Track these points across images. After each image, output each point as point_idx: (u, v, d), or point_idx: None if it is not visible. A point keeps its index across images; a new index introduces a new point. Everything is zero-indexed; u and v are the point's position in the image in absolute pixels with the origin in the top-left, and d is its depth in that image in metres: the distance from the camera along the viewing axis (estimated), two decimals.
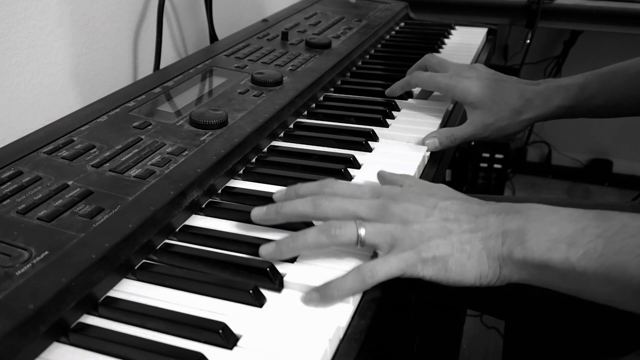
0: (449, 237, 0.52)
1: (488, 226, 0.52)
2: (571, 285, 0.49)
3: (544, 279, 0.50)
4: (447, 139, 0.77)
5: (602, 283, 0.47)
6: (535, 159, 2.54)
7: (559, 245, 0.48)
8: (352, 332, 0.48)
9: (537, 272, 0.50)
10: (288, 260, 0.54)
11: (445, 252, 0.51)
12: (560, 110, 0.80)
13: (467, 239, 0.52)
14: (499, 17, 1.72)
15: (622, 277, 0.45)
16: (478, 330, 1.63)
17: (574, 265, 0.47)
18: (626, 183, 2.38)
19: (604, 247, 0.46)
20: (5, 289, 0.44)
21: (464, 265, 0.51)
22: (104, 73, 0.94)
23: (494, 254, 0.51)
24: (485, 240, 0.51)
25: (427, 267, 0.52)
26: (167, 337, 0.46)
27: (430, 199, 0.55)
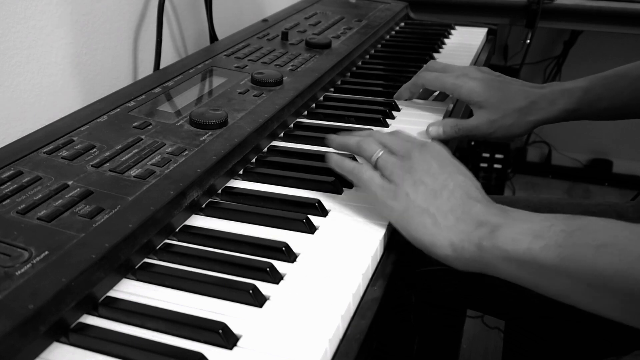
0: (432, 201, 0.56)
1: (470, 210, 0.55)
2: (529, 276, 0.50)
3: (505, 268, 0.52)
4: (451, 128, 0.79)
5: (558, 275, 0.48)
6: (535, 159, 2.54)
7: (524, 237, 0.50)
8: (352, 332, 0.48)
9: (500, 262, 0.51)
10: (288, 260, 0.54)
11: (417, 208, 0.56)
12: (565, 114, 0.81)
13: (444, 210, 0.55)
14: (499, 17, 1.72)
15: (576, 268, 0.46)
16: (478, 330, 1.63)
17: (535, 256, 0.49)
18: (626, 183, 2.38)
19: (564, 239, 0.48)
20: (5, 289, 0.44)
21: (425, 227, 0.55)
22: (104, 73, 0.94)
23: (461, 237, 0.53)
24: (459, 221, 0.54)
25: (394, 210, 0.57)
26: (167, 337, 0.46)
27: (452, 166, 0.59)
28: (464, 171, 0.59)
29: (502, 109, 0.79)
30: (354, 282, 0.51)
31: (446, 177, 0.57)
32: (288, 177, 0.67)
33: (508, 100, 0.79)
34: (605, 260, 0.45)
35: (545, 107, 0.80)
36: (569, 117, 0.82)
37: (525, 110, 0.79)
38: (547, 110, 0.80)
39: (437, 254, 0.55)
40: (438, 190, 0.56)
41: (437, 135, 0.80)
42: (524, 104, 0.79)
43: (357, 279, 0.52)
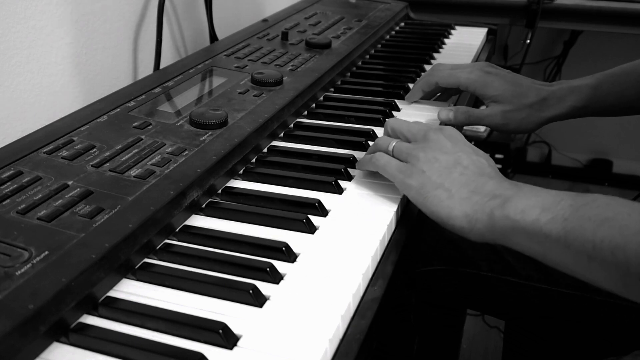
0: (447, 176, 0.59)
1: (483, 185, 0.57)
2: (536, 247, 0.52)
3: (514, 239, 0.54)
4: (462, 114, 0.81)
5: (563, 247, 0.50)
6: (535, 159, 2.54)
7: (533, 210, 0.52)
8: (352, 332, 0.48)
9: (509, 232, 0.54)
10: (288, 260, 0.54)
11: (433, 183, 0.59)
12: (573, 111, 0.82)
13: (459, 184, 0.58)
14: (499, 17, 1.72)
15: (578, 241, 0.48)
16: (478, 330, 1.63)
17: (542, 227, 0.51)
18: (626, 183, 2.38)
19: (570, 213, 0.50)
20: (5, 289, 0.44)
21: (442, 201, 0.58)
22: (104, 73, 0.94)
23: (475, 207, 0.56)
24: (472, 193, 0.57)
25: (412, 188, 0.60)
26: (167, 337, 0.46)
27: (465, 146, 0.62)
28: (477, 151, 0.62)
29: (515, 103, 0.81)
30: (354, 282, 0.51)
31: (460, 154, 0.60)
32: (288, 177, 0.67)
33: (521, 95, 0.81)
34: (604, 234, 0.47)
35: (554, 105, 0.81)
36: (578, 114, 0.83)
37: (536, 106, 0.81)
38: (557, 107, 0.82)
39: (452, 225, 0.57)
40: (452, 166, 0.59)
41: (447, 120, 0.82)
42: (535, 101, 0.81)
43: (357, 279, 0.52)
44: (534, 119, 0.82)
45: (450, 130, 0.64)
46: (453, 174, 0.59)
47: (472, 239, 0.57)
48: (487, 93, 0.81)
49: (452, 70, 0.84)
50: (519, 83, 0.82)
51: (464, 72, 0.83)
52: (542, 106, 0.81)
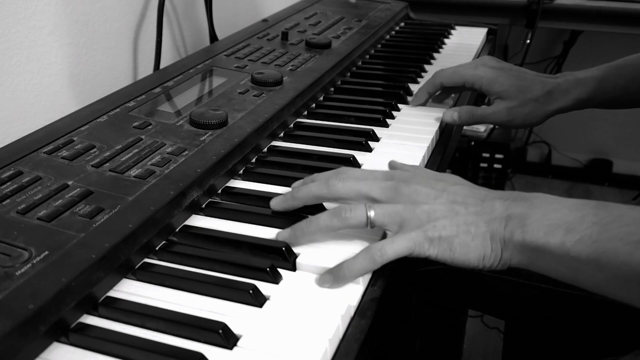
0: (456, 218, 0.53)
1: (493, 210, 0.53)
2: (566, 270, 0.50)
3: (541, 263, 0.51)
4: (466, 113, 0.81)
5: (594, 269, 0.47)
6: (535, 159, 2.54)
7: (557, 231, 0.49)
8: (352, 332, 0.48)
9: (534, 255, 0.51)
10: (288, 260, 0.54)
11: (451, 233, 0.53)
12: (578, 103, 0.82)
13: (472, 221, 0.53)
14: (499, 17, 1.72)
15: (613, 264, 0.46)
16: (478, 330, 1.63)
17: (569, 250, 0.48)
18: (626, 183, 2.38)
19: (598, 233, 0.47)
20: (5, 289, 0.44)
21: (468, 245, 0.53)
22: (104, 73, 0.94)
23: (497, 237, 0.52)
24: (489, 223, 0.53)
25: (433, 246, 0.53)
26: (167, 337, 0.46)
27: (440, 183, 0.57)
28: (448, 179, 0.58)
29: (520, 98, 0.81)
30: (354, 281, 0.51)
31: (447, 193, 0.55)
32: (288, 177, 0.67)
33: (526, 89, 0.81)
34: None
35: (560, 97, 0.82)
36: (582, 106, 0.84)
37: (541, 99, 0.81)
38: (562, 99, 0.82)
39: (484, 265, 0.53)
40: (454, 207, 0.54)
41: (451, 120, 0.82)
42: (540, 94, 0.81)
43: (357, 278, 0.52)
44: (540, 112, 0.82)
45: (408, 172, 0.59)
46: (460, 214, 0.54)
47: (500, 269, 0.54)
48: (493, 89, 0.82)
49: (457, 68, 0.84)
50: (524, 77, 0.82)
51: (469, 68, 0.83)
52: (547, 99, 0.81)
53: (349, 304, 0.49)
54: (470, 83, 0.83)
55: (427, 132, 0.79)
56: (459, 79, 0.84)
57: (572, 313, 0.77)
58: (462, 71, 0.83)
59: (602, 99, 0.83)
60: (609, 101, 0.83)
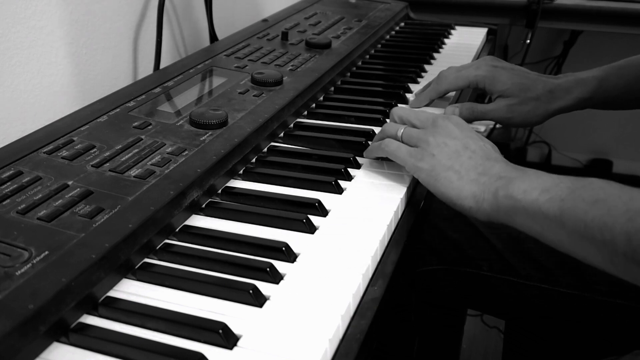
0: (455, 158, 0.62)
1: (491, 168, 0.61)
2: (536, 226, 0.55)
3: (516, 218, 0.57)
4: (467, 110, 0.83)
5: (558, 226, 0.52)
6: (535, 159, 2.54)
7: (534, 191, 0.55)
8: (352, 332, 0.48)
9: (511, 210, 0.57)
10: (288, 260, 0.54)
11: (443, 166, 0.62)
12: (579, 102, 0.83)
13: (467, 167, 0.61)
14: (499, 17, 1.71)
15: (572, 220, 0.51)
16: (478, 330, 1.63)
17: (540, 206, 0.54)
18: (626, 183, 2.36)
19: (567, 194, 0.52)
20: (5, 289, 0.44)
21: (451, 182, 0.61)
22: (104, 73, 0.94)
23: (482, 188, 0.59)
24: (481, 175, 0.60)
25: (422, 170, 0.63)
26: (167, 337, 0.46)
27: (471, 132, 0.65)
28: (483, 138, 0.65)
29: (521, 97, 0.82)
30: (354, 282, 0.51)
31: (467, 140, 0.63)
32: (288, 177, 0.67)
33: (527, 88, 0.82)
34: (595, 213, 0.49)
35: (561, 97, 0.82)
36: (583, 106, 0.84)
37: (543, 98, 0.82)
38: (563, 99, 0.82)
39: (462, 205, 0.60)
40: (461, 150, 0.62)
41: None
42: (541, 93, 0.82)
43: (357, 279, 0.52)
44: (540, 112, 0.83)
45: (456, 118, 0.67)
46: (462, 157, 0.62)
47: (480, 218, 0.60)
48: (495, 88, 0.82)
49: (459, 73, 0.84)
50: (526, 76, 0.83)
51: (471, 70, 0.84)
52: (548, 98, 0.82)
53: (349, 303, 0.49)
54: (474, 84, 0.84)
55: None
56: (463, 82, 0.84)
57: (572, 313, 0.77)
58: (465, 74, 0.84)
59: (604, 98, 0.83)
60: (611, 101, 0.84)
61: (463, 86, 0.85)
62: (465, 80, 0.84)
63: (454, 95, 0.93)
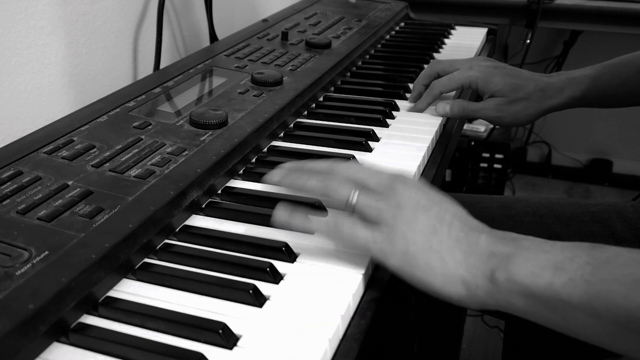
0: (433, 238, 0.49)
1: (477, 242, 0.49)
2: (555, 315, 0.45)
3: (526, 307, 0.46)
4: (458, 107, 0.82)
5: (588, 315, 0.43)
6: (535, 159, 2.54)
7: (545, 271, 0.45)
8: (352, 332, 0.48)
9: (518, 298, 0.46)
10: (288, 260, 0.54)
11: (419, 249, 0.49)
12: (572, 101, 0.83)
13: (449, 246, 0.49)
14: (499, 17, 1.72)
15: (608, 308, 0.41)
16: (478, 330, 1.63)
17: (558, 292, 0.43)
18: (626, 183, 2.38)
19: (591, 274, 0.43)
20: (5, 289, 0.44)
21: (433, 269, 0.49)
22: (104, 73, 0.94)
23: (472, 271, 0.48)
24: (468, 255, 0.49)
25: (394, 257, 0.50)
26: (167, 337, 0.46)
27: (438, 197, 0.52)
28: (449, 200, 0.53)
29: (512, 96, 0.82)
30: (354, 282, 0.51)
31: (438, 208, 0.51)
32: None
33: (519, 88, 0.82)
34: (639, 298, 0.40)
35: (553, 95, 0.82)
36: (576, 104, 0.84)
37: (534, 97, 0.82)
38: (555, 97, 0.82)
39: (450, 295, 0.49)
40: (436, 225, 0.50)
41: (444, 113, 0.83)
42: (533, 91, 0.82)
43: (357, 278, 0.52)
44: (531, 111, 0.82)
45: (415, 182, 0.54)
46: (439, 234, 0.49)
47: (473, 308, 0.50)
48: (487, 88, 0.82)
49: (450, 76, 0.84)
50: (518, 75, 0.83)
51: (463, 72, 0.83)
52: (540, 97, 0.82)
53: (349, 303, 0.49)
54: (467, 85, 0.84)
55: (427, 132, 0.79)
56: (456, 84, 0.84)
57: None
58: (457, 76, 0.83)
59: (597, 97, 0.83)
60: (604, 100, 0.84)
61: (456, 88, 0.85)
62: (458, 82, 0.84)
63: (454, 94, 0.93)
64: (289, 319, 0.47)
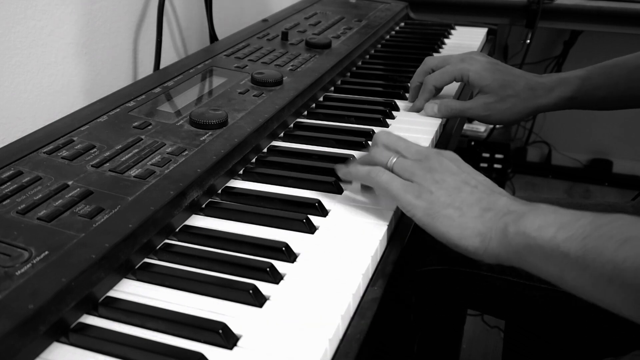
0: (455, 195, 0.56)
1: (496, 202, 0.55)
2: (555, 268, 0.49)
3: (529, 258, 0.51)
4: (445, 107, 0.83)
5: (580, 268, 0.46)
6: (535, 159, 2.54)
7: (550, 227, 0.49)
8: (352, 332, 0.48)
9: (524, 250, 0.50)
10: (288, 260, 0.54)
11: (443, 203, 0.55)
12: (562, 101, 0.83)
13: (470, 202, 0.55)
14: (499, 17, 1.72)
15: (598, 261, 0.45)
16: (478, 330, 1.63)
17: (559, 245, 0.47)
18: (626, 183, 2.38)
19: (590, 231, 0.47)
20: (5, 289, 0.44)
21: (452, 220, 0.54)
22: (104, 73, 0.94)
23: (488, 225, 0.53)
24: (485, 211, 0.54)
25: (419, 208, 0.56)
26: (167, 337, 0.46)
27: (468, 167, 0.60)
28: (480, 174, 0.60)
29: (500, 94, 0.81)
30: (354, 282, 0.51)
31: (466, 175, 0.58)
32: (288, 177, 0.67)
33: (508, 85, 0.81)
34: (627, 253, 0.43)
35: (542, 95, 0.82)
36: (566, 105, 0.84)
37: (523, 95, 0.82)
38: (545, 97, 0.82)
39: (465, 246, 0.54)
40: (461, 186, 0.56)
41: (432, 114, 0.84)
42: (522, 90, 0.81)
43: (357, 279, 0.52)
44: (519, 109, 0.82)
45: (450, 153, 0.61)
46: (462, 193, 0.56)
47: (486, 261, 0.54)
48: (477, 82, 0.82)
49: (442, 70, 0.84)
50: (509, 72, 0.83)
51: (455, 64, 0.83)
52: (529, 96, 0.82)
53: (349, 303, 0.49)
54: (458, 77, 0.84)
55: (427, 132, 0.79)
56: (449, 78, 0.84)
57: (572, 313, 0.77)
58: (449, 69, 0.84)
59: (587, 98, 0.83)
60: (595, 101, 0.83)
61: (449, 81, 0.85)
62: (450, 75, 0.84)
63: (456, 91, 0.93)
64: (289, 319, 0.47)
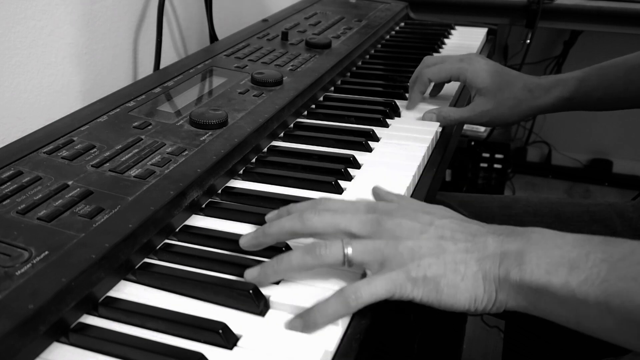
0: (443, 256, 0.48)
1: (486, 246, 0.48)
2: (570, 314, 0.45)
3: (542, 305, 0.46)
4: (443, 117, 0.82)
5: (604, 313, 0.43)
6: (535, 159, 2.54)
7: (560, 269, 0.44)
8: (352, 332, 0.48)
9: (534, 297, 0.46)
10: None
11: (437, 272, 0.48)
12: (560, 102, 0.82)
13: (462, 259, 0.48)
14: (499, 17, 1.72)
15: (625, 307, 0.41)
16: (478, 330, 1.63)
17: (574, 291, 0.43)
18: (626, 183, 2.38)
19: (607, 272, 0.43)
20: (5, 289, 0.44)
21: (457, 286, 0.47)
22: (104, 73, 0.94)
23: (490, 276, 0.47)
24: (481, 262, 0.48)
25: (417, 287, 0.48)
26: (167, 337, 0.46)
27: (427, 216, 0.51)
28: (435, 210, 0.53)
29: (499, 97, 0.81)
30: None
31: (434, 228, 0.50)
32: (288, 177, 0.67)
33: (507, 88, 0.81)
34: None
35: (539, 96, 0.82)
36: (564, 107, 0.83)
37: (520, 97, 0.82)
38: (542, 98, 0.82)
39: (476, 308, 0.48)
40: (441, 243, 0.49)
41: None
42: (521, 93, 0.81)
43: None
44: (517, 111, 0.82)
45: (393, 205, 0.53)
46: (448, 251, 0.48)
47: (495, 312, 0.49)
48: (474, 83, 0.82)
49: (441, 65, 0.84)
50: (508, 74, 0.83)
51: (453, 62, 0.84)
52: (527, 97, 0.82)
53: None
54: (455, 77, 0.84)
55: (427, 132, 0.79)
56: (445, 75, 0.85)
57: None
58: (447, 66, 0.84)
59: (585, 99, 0.82)
60: (593, 102, 0.83)
61: (445, 78, 0.85)
62: (448, 72, 0.84)
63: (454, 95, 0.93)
64: (289, 318, 0.47)
